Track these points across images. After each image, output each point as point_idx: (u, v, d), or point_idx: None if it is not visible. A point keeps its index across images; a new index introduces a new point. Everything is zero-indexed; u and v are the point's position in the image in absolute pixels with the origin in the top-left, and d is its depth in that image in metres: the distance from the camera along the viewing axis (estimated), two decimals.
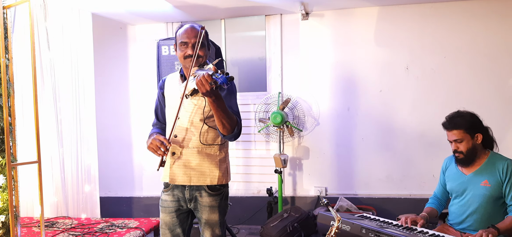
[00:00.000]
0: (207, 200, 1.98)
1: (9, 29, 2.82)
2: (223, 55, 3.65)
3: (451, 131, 2.22)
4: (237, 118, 1.92)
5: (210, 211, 1.98)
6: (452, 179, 2.34)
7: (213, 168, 1.97)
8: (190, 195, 1.99)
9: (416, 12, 3.85)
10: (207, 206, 1.98)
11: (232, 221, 4.13)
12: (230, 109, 1.89)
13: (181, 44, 1.96)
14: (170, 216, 2.03)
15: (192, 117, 1.95)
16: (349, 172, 4.05)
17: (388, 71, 3.93)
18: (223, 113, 1.81)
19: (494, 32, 3.72)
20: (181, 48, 1.96)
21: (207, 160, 1.96)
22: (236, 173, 4.24)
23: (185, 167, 1.96)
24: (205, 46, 1.96)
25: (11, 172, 2.67)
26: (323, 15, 4.01)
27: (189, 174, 1.96)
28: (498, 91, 3.74)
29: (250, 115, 4.15)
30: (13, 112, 2.83)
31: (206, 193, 1.97)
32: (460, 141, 2.20)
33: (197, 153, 1.96)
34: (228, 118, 1.83)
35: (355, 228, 2.06)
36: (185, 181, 1.96)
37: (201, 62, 1.94)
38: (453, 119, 2.23)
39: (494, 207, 2.18)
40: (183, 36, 1.95)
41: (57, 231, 3.32)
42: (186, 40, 1.93)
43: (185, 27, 1.97)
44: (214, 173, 1.97)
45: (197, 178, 1.96)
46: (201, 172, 1.96)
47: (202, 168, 1.96)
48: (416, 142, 3.90)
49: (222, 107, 1.79)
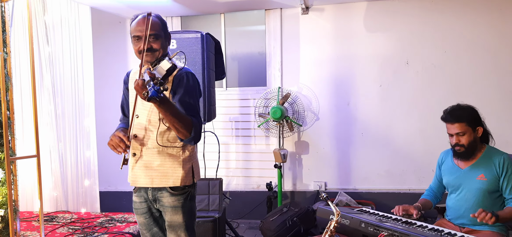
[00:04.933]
0: (169, 200, 1.83)
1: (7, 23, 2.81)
2: (222, 49, 3.64)
3: (453, 124, 2.20)
4: (194, 119, 1.74)
5: (173, 212, 1.83)
6: (448, 173, 2.34)
7: (176, 168, 1.82)
8: (152, 196, 1.87)
9: (417, 6, 3.83)
10: (169, 207, 1.83)
11: (232, 216, 4.14)
12: (188, 107, 1.75)
13: (134, 38, 1.78)
14: (142, 217, 1.93)
15: (149, 115, 1.80)
16: (348, 166, 4.06)
17: (388, 65, 3.92)
18: (173, 118, 1.65)
19: (494, 27, 3.71)
20: (134, 42, 1.78)
21: (169, 160, 1.82)
22: (236, 168, 4.25)
23: (146, 168, 1.82)
24: (161, 37, 1.78)
25: (10, 166, 2.67)
26: (323, 9, 4.00)
27: (150, 175, 1.82)
28: (498, 85, 3.73)
29: (250, 110, 4.14)
30: (12, 106, 2.82)
31: (168, 193, 1.83)
32: (462, 134, 2.19)
33: (158, 153, 1.81)
34: (180, 122, 1.67)
35: (354, 222, 2.06)
36: (147, 182, 1.83)
37: (158, 56, 1.76)
38: (455, 111, 2.21)
39: (490, 201, 2.18)
40: (135, 29, 1.77)
41: (57, 226, 3.33)
42: (138, 33, 1.75)
43: (137, 18, 1.79)
44: (178, 174, 1.82)
45: (159, 179, 1.82)
46: (163, 173, 1.82)
47: (164, 168, 1.82)
48: (416, 137, 3.89)
49: (171, 111, 1.63)
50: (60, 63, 3.74)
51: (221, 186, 3.38)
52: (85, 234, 3.10)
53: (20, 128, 3.58)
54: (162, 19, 1.82)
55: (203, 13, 4.23)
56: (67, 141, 3.79)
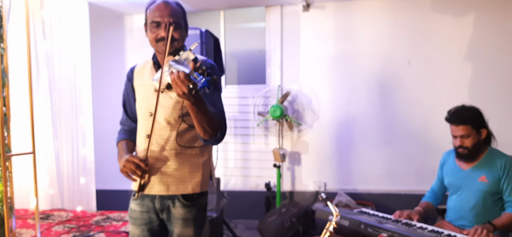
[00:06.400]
0: (180, 212, 1.64)
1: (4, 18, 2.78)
2: (222, 46, 3.60)
3: (458, 126, 2.18)
4: (220, 120, 1.58)
5: (184, 224, 1.64)
6: (450, 174, 2.33)
7: (195, 173, 1.65)
8: (161, 205, 1.64)
9: (419, 5, 3.80)
10: (180, 219, 1.64)
11: (230, 216, 4.10)
12: (214, 108, 1.59)
13: (152, 24, 1.60)
14: (140, 229, 1.68)
15: (168, 113, 1.60)
16: (348, 167, 4.02)
17: (389, 65, 3.89)
18: (204, 117, 1.47)
19: (497, 26, 3.67)
20: (152, 29, 1.60)
21: (187, 163, 1.64)
22: (234, 167, 4.21)
23: (161, 174, 1.62)
24: (181, 27, 1.62)
25: (5, 163, 2.64)
26: (324, 7, 3.96)
27: (166, 182, 1.62)
28: (500, 86, 3.70)
29: (249, 108, 4.11)
30: (8, 103, 2.80)
31: (180, 203, 1.63)
32: (467, 137, 2.17)
33: (175, 155, 1.62)
34: (210, 122, 1.50)
35: (354, 223, 2.04)
36: (162, 190, 1.62)
37: (177, 46, 1.60)
38: (460, 113, 2.19)
39: (491, 203, 2.17)
40: (155, 14, 1.59)
41: (53, 223, 3.30)
42: (158, 19, 1.58)
43: (157, 2, 1.61)
44: (196, 179, 1.65)
45: (175, 186, 1.62)
46: (180, 179, 1.63)
47: (181, 173, 1.63)
48: (417, 137, 3.86)
49: (203, 110, 1.46)
50: (57, 59, 3.71)
51: (219, 186, 3.35)
52: (81, 232, 3.07)
53: (16, 125, 3.55)
54: (182, 7, 1.66)
55: (203, 10, 4.19)
56: (64, 138, 3.76)
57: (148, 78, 1.66)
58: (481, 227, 1.97)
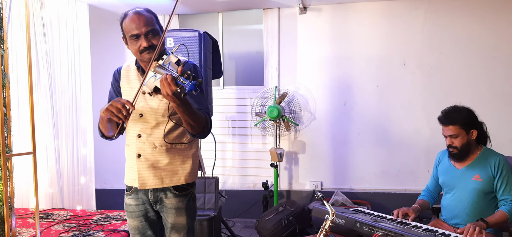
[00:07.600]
0: (173, 202, 1.77)
1: (4, 19, 2.80)
2: (220, 48, 3.64)
3: (447, 126, 2.21)
4: (205, 115, 1.70)
5: (177, 213, 1.78)
6: (445, 173, 2.35)
7: (185, 165, 1.78)
8: (154, 197, 1.78)
9: (414, 7, 3.85)
10: (173, 208, 1.77)
11: (228, 215, 4.14)
12: (198, 106, 1.69)
13: (132, 37, 1.67)
14: (138, 220, 1.82)
15: (155, 113, 1.73)
16: (344, 166, 4.07)
17: (385, 66, 3.93)
18: (190, 115, 1.59)
19: (490, 28, 3.73)
20: (133, 42, 1.68)
21: (178, 157, 1.77)
22: (232, 166, 4.25)
23: (155, 169, 1.74)
24: (158, 31, 1.70)
25: (6, 162, 2.67)
26: (321, 9, 4.01)
27: (160, 175, 1.74)
28: (494, 87, 3.75)
29: (247, 109, 4.15)
30: (8, 103, 2.82)
31: (172, 193, 1.77)
32: (455, 137, 2.20)
33: (166, 151, 1.75)
34: (196, 119, 1.62)
35: (349, 222, 2.06)
36: (157, 183, 1.74)
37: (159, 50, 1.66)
38: (450, 114, 2.22)
39: (485, 202, 2.19)
40: (132, 26, 1.66)
41: (52, 223, 3.32)
42: (136, 31, 1.66)
43: (129, 15, 1.69)
44: (186, 170, 1.78)
45: (169, 178, 1.75)
46: (173, 172, 1.76)
47: (173, 166, 1.76)
48: (412, 137, 3.91)
49: (189, 110, 1.57)
50: (58, 60, 3.73)
51: (217, 185, 3.38)
52: (81, 231, 3.10)
53: (17, 125, 3.57)
54: (152, 12, 1.75)
55: (201, 12, 4.23)
56: (64, 138, 3.78)
57: (135, 81, 1.78)
58: (473, 225, 1.98)
